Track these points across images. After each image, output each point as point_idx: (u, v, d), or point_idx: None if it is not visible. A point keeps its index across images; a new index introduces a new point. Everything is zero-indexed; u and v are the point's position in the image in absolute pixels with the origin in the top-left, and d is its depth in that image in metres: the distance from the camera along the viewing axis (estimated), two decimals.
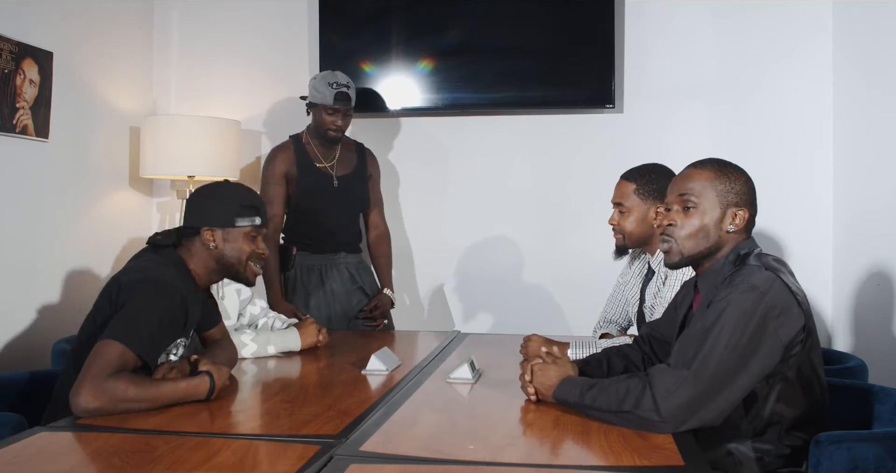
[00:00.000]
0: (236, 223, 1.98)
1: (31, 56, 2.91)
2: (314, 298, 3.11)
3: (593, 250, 3.44)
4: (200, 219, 1.99)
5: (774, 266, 1.68)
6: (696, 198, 1.74)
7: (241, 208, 1.99)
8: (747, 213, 1.75)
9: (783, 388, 1.65)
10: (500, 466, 1.40)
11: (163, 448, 1.45)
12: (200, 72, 3.82)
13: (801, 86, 3.44)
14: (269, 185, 3.10)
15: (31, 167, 2.96)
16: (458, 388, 2.00)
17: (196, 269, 1.99)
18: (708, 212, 1.74)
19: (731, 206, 1.74)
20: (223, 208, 1.99)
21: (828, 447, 1.57)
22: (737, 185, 1.75)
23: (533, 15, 3.52)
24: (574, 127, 3.60)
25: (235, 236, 1.99)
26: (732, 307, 1.59)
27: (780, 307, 1.61)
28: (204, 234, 1.97)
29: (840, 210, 3.37)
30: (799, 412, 1.67)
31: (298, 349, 2.48)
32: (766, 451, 1.66)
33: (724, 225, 1.74)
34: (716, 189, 1.74)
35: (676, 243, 1.77)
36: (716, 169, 1.76)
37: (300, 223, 3.16)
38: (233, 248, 1.99)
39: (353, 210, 3.25)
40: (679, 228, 1.76)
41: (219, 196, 2.02)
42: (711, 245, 1.75)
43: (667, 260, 1.81)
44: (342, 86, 3.03)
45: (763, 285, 1.61)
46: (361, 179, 3.23)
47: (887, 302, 2.85)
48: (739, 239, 1.76)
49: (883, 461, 1.57)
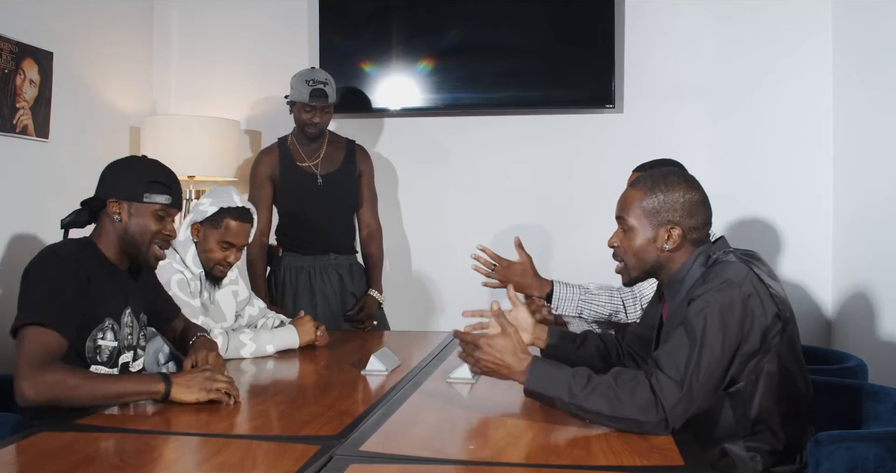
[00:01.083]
0: (144, 199, 1.90)
1: (31, 56, 2.91)
2: (302, 300, 3.05)
3: (594, 250, 3.40)
4: (107, 190, 1.91)
5: (745, 259, 1.69)
6: (628, 221, 1.76)
7: (151, 184, 1.91)
8: (680, 230, 1.72)
9: (767, 383, 1.65)
10: (500, 466, 1.40)
11: (163, 448, 1.45)
12: (200, 72, 3.82)
13: (801, 86, 3.44)
14: (254, 189, 3.09)
15: (31, 167, 2.96)
16: (458, 388, 2.00)
17: (105, 245, 1.92)
18: (640, 233, 1.75)
19: (662, 225, 1.73)
20: (132, 180, 1.91)
21: (828, 446, 1.57)
22: (668, 202, 1.72)
23: (533, 15, 3.52)
24: (574, 127, 3.60)
25: (142, 212, 1.90)
26: (713, 307, 1.59)
27: (756, 297, 1.62)
28: (110, 206, 1.90)
29: (840, 210, 3.37)
30: (786, 406, 1.67)
31: (297, 346, 2.48)
32: (759, 449, 1.67)
33: (659, 244, 1.74)
34: (644, 210, 1.73)
35: (626, 265, 1.79)
36: (645, 188, 1.75)
37: (288, 225, 3.13)
38: (138, 223, 1.90)
39: (342, 209, 3.17)
40: (621, 249, 1.78)
41: (129, 168, 1.95)
42: (654, 264, 1.76)
43: (622, 280, 1.83)
44: (319, 83, 2.99)
45: (736, 276, 1.62)
46: (349, 176, 3.16)
47: (887, 302, 2.85)
48: (684, 255, 1.74)
49: (883, 461, 1.57)
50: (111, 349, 1.89)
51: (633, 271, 1.79)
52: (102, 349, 1.87)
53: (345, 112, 3.57)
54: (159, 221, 1.93)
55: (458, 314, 3.66)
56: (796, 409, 1.70)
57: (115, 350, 1.91)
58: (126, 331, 1.95)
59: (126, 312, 1.95)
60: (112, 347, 1.89)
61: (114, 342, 1.90)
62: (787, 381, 1.67)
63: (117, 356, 1.91)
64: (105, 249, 1.93)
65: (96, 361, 1.86)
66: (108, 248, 1.93)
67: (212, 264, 2.41)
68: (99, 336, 1.87)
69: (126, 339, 1.95)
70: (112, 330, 1.90)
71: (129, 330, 1.96)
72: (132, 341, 1.97)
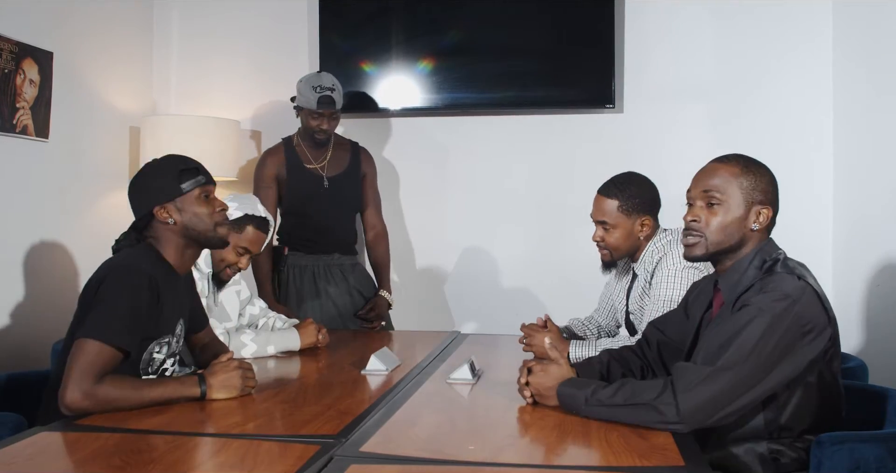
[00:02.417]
0: (183, 190, 1.89)
1: (31, 56, 2.91)
2: (307, 299, 3.08)
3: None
4: (147, 202, 1.91)
5: (801, 273, 1.68)
6: (720, 194, 1.72)
7: (180, 174, 1.90)
8: (771, 211, 1.73)
9: (804, 393, 1.65)
10: (500, 466, 1.40)
11: (163, 448, 1.45)
12: (200, 72, 3.82)
13: (801, 86, 3.44)
14: (259, 189, 3.09)
15: (31, 167, 2.96)
16: (458, 388, 2.00)
17: (168, 253, 1.91)
18: (732, 209, 1.72)
19: (755, 203, 1.72)
20: (162, 181, 1.90)
21: (829, 447, 1.57)
22: (762, 182, 1.72)
23: (533, 15, 3.52)
24: (574, 127, 3.60)
25: (188, 203, 1.90)
26: (764, 314, 1.58)
27: (810, 318, 1.61)
28: (158, 214, 1.89)
29: (840, 210, 3.36)
30: (816, 417, 1.67)
31: (298, 348, 2.48)
32: (781, 452, 1.66)
33: (749, 223, 1.72)
34: (741, 186, 1.72)
35: (704, 239, 1.73)
36: (741, 165, 1.74)
37: (293, 225, 3.15)
38: (192, 214, 1.90)
39: (347, 211, 3.22)
40: (704, 224, 1.73)
41: (152, 174, 1.94)
42: (735, 243, 1.73)
43: (688, 253, 1.77)
44: (326, 89, 3.00)
45: (794, 293, 1.61)
46: (354, 179, 3.20)
47: (887, 302, 2.85)
48: (762, 238, 1.74)
49: (884, 461, 1.57)
50: (161, 360, 1.91)
51: (712, 247, 1.73)
52: (154, 361, 1.89)
53: (345, 112, 3.55)
54: (206, 201, 1.93)
55: (457, 314, 3.70)
56: (826, 420, 1.69)
57: (163, 360, 1.93)
58: (174, 340, 1.96)
59: (180, 322, 1.97)
60: (163, 358, 1.91)
61: (165, 354, 1.92)
62: (822, 393, 1.67)
63: (162, 364, 1.93)
64: (169, 256, 1.92)
65: (147, 372, 1.88)
66: (171, 254, 1.92)
67: (223, 267, 2.40)
68: (156, 350, 1.88)
69: (173, 347, 1.96)
70: (168, 344, 1.92)
71: (177, 339, 1.98)
72: (175, 348, 1.98)
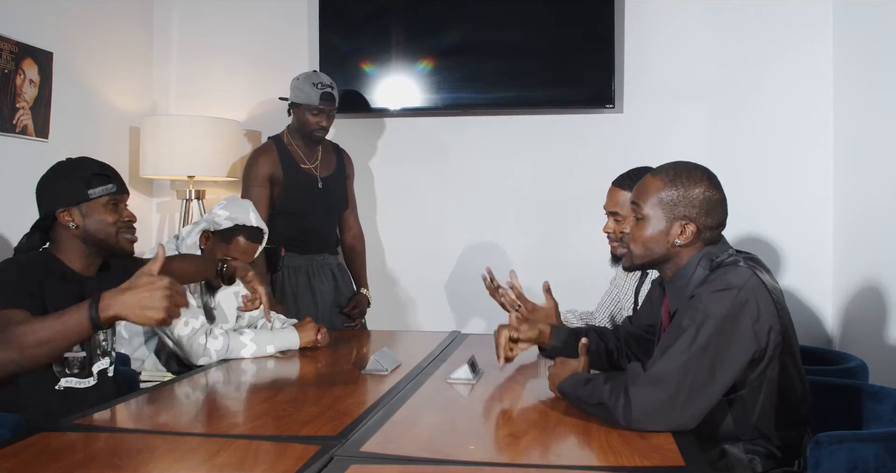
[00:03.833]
0: (90, 196, 1.84)
1: (31, 56, 2.91)
2: (302, 298, 3.09)
3: (594, 249, 3.43)
4: (51, 204, 1.85)
5: (750, 264, 1.68)
6: (643, 210, 1.73)
7: (91, 178, 1.85)
8: (694, 227, 1.69)
9: (768, 391, 1.65)
10: (500, 466, 1.40)
11: (163, 447, 1.45)
12: (200, 72, 3.82)
13: (801, 86, 3.44)
14: (251, 187, 3.07)
15: (31, 167, 2.95)
16: (458, 388, 2.00)
17: (68, 257, 1.86)
18: (653, 223, 1.72)
19: (677, 219, 1.70)
20: (70, 184, 1.85)
21: (828, 447, 1.57)
22: (688, 196, 1.69)
23: (533, 15, 3.52)
24: (574, 127, 3.60)
25: (94, 209, 1.85)
26: (707, 306, 1.58)
27: (755, 302, 1.60)
28: (61, 217, 1.84)
29: (840, 210, 3.36)
30: (785, 413, 1.67)
31: (297, 348, 2.48)
32: (757, 452, 1.67)
33: (671, 238, 1.71)
34: (662, 201, 1.70)
35: (630, 251, 1.78)
36: (667, 179, 1.71)
37: (285, 225, 3.12)
38: (94, 221, 1.85)
39: (336, 211, 3.27)
40: (630, 237, 1.77)
41: (61, 175, 1.88)
42: (660, 256, 1.73)
43: (623, 263, 1.84)
44: (326, 86, 3.03)
45: (738, 281, 1.61)
46: (342, 180, 3.26)
47: (887, 302, 2.85)
48: (692, 252, 1.71)
49: (883, 461, 1.57)
50: (80, 360, 1.83)
51: (637, 260, 1.77)
52: (71, 361, 1.81)
53: (345, 112, 3.56)
54: (114, 210, 1.88)
55: (458, 314, 3.70)
56: (795, 416, 1.69)
57: (87, 360, 1.85)
58: (100, 337, 1.89)
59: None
60: (81, 357, 1.83)
61: (81, 352, 1.83)
62: (786, 388, 1.67)
63: (90, 364, 1.86)
64: (68, 259, 1.87)
65: (65, 374, 1.81)
66: (71, 258, 1.87)
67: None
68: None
69: (100, 346, 1.89)
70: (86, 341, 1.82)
71: (104, 336, 1.91)
72: (107, 346, 1.92)
